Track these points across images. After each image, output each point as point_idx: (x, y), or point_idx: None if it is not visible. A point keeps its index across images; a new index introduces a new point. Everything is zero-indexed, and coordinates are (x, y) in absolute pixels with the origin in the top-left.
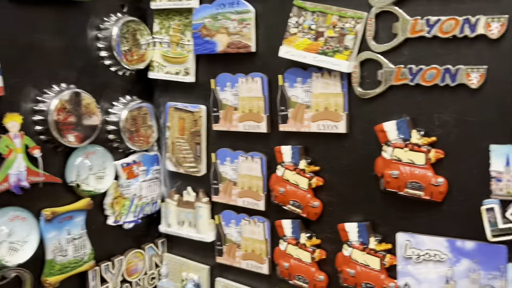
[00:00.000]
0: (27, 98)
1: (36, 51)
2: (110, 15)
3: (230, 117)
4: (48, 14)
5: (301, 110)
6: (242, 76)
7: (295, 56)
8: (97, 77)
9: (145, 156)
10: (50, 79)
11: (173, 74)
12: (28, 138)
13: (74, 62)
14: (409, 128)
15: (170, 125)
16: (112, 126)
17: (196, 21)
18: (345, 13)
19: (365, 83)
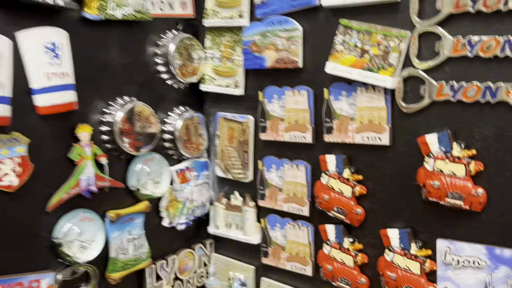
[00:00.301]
0: (95, 110)
1: (104, 68)
2: (166, 33)
3: (277, 127)
4: (115, 34)
5: (346, 122)
6: (289, 89)
7: (342, 72)
8: (155, 90)
9: (196, 162)
10: (115, 93)
11: (224, 86)
12: (96, 147)
13: (135, 77)
14: (450, 141)
15: (220, 133)
16: (168, 135)
17: (246, 38)
18: (389, 32)
19: (408, 98)
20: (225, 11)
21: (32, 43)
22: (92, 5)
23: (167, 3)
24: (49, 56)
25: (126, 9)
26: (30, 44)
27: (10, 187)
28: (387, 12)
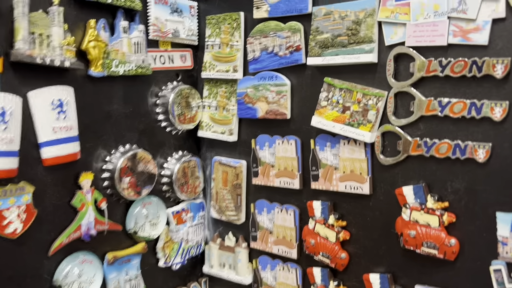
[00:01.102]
0: (98, 158)
1: (107, 118)
2: (167, 83)
3: (268, 173)
4: (118, 88)
5: (331, 171)
6: (279, 138)
7: (326, 126)
8: (155, 137)
9: (192, 204)
10: (117, 141)
11: (219, 133)
12: (98, 192)
13: (136, 125)
14: (425, 193)
15: (215, 177)
16: (165, 179)
17: (240, 90)
18: (368, 91)
19: (386, 151)
20: (221, 65)
21: (41, 101)
22: (98, 64)
23: (168, 57)
24: (56, 112)
25: (128, 66)
26: (39, 102)
27: (14, 234)
28: (366, 72)
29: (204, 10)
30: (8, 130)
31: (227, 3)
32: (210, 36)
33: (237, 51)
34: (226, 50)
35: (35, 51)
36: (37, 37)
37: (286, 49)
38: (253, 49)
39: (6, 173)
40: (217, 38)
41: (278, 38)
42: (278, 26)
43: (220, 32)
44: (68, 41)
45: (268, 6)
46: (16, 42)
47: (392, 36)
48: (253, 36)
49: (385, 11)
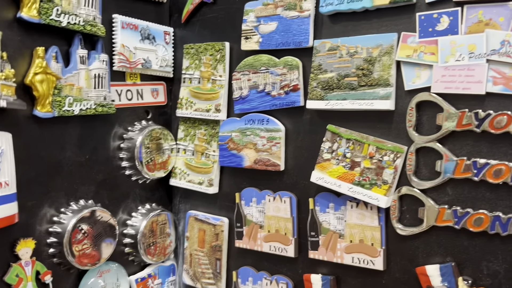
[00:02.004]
0: (42, 220)
1: (56, 169)
2: (134, 123)
3: (255, 235)
4: (71, 131)
5: (334, 239)
6: (270, 194)
7: (329, 184)
8: (117, 189)
9: (160, 267)
10: (68, 197)
11: (196, 183)
12: (40, 264)
13: (94, 175)
14: (455, 275)
15: (190, 235)
16: (128, 239)
17: (224, 133)
18: (383, 145)
19: (405, 219)
20: (201, 102)
21: None
22: (46, 103)
23: (136, 91)
24: None
25: (86, 104)
26: None
27: None
28: (380, 121)
29: (181, 38)
30: None
31: (209, 30)
32: (188, 68)
33: (221, 87)
34: (207, 85)
35: None
36: None
37: (281, 88)
38: (240, 86)
39: None
40: (197, 71)
41: (271, 75)
42: (272, 61)
43: (200, 64)
44: (6, 74)
45: (259, 37)
46: None
47: (414, 79)
48: (240, 71)
49: (406, 49)
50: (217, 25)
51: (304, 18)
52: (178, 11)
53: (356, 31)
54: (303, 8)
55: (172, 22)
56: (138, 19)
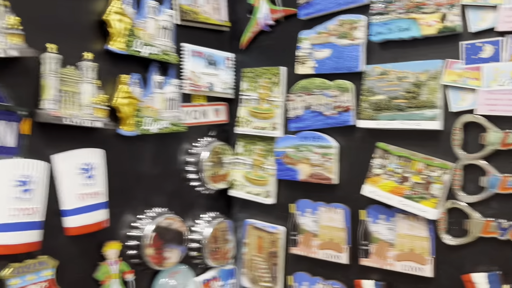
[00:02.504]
0: (124, 225)
1: (137, 180)
2: (199, 140)
3: (309, 243)
4: (149, 147)
5: (385, 248)
6: (323, 205)
7: (380, 197)
8: (185, 199)
9: (222, 270)
10: (145, 205)
11: (254, 194)
12: (124, 263)
13: (166, 186)
14: (501, 283)
15: (248, 242)
16: (195, 244)
17: (279, 149)
18: (431, 162)
19: (452, 230)
20: (258, 121)
21: (67, 166)
22: (129, 123)
23: (201, 112)
24: (83, 178)
25: (162, 123)
26: (65, 167)
27: None
28: (428, 140)
29: (240, 62)
30: (32, 200)
31: (266, 55)
32: (246, 90)
33: (277, 107)
34: (264, 105)
35: (62, 111)
36: (65, 95)
37: (334, 108)
38: (295, 106)
39: (26, 247)
40: (255, 92)
41: (324, 97)
42: (325, 84)
43: (258, 87)
44: (99, 98)
45: (314, 62)
46: (43, 101)
47: (460, 102)
48: (295, 93)
49: (452, 74)
50: (273, 51)
51: (355, 45)
52: (238, 38)
53: (404, 57)
54: (354, 36)
55: (232, 48)
56: (203, 47)
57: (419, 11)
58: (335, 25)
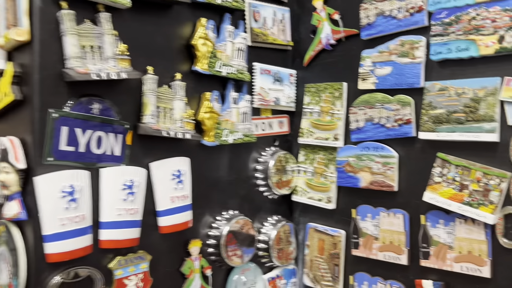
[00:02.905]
0: (204, 225)
1: (214, 185)
2: (266, 149)
3: (370, 245)
4: (225, 155)
5: (444, 250)
6: (384, 211)
7: (440, 203)
8: (254, 203)
9: (285, 270)
10: (221, 207)
11: (316, 200)
12: (204, 260)
13: (238, 191)
14: None
15: (310, 244)
16: (262, 244)
17: (341, 158)
18: (489, 171)
19: (509, 234)
20: (320, 132)
21: (162, 172)
22: (211, 134)
23: (268, 123)
24: (174, 182)
25: (236, 135)
26: (160, 173)
27: None
28: (485, 150)
29: (302, 78)
30: (134, 202)
31: (328, 72)
32: (309, 104)
33: (338, 120)
34: (326, 118)
35: (159, 124)
36: (161, 111)
37: (395, 121)
38: (357, 119)
39: (129, 243)
40: (317, 106)
41: (385, 110)
42: (386, 98)
43: (320, 100)
44: (188, 113)
45: (375, 78)
46: (144, 116)
47: None
48: (357, 106)
49: (509, 90)
50: (335, 68)
51: (416, 64)
52: (300, 56)
53: (463, 74)
54: (415, 55)
55: (294, 65)
56: (270, 65)
57: (477, 33)
58: (396, 44)
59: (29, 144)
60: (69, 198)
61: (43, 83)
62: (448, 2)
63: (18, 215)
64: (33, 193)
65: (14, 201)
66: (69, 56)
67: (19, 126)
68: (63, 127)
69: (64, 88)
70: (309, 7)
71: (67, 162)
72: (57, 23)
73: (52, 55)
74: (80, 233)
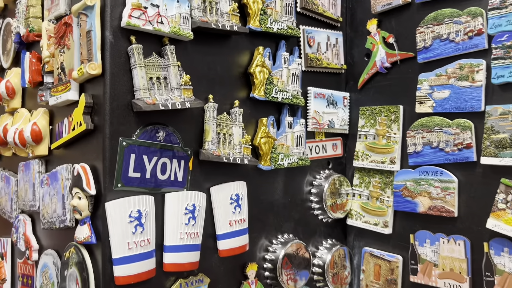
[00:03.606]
0: (260, 248)
1: (270, 208)
2: (320, 172)
3: (429, 272)
4: (281, 178)
5: (510, 280)
6: (444, 237)
7: (505, 231)
8: (308, 226)
9: None
10: (276, 231)
11: (372, 224)
12: (260, 283)
13: (293, 214)
14: None
15: (365, 269)
16: (317, 268)
17: (398, 182)
18: None
19: None
20: (376, 155)
21: (222, 196)
22: (267, 159)
23: (321, 146)
24: (233, 206)
25: (291, 158)
26: (220, 197)
27: None
28: None
29: (355, 101)
30: (195, 226)
31: (382, 95)
32: (363, 126)
33: (395, 143)
34: (382, 141)
35: (219, 150)
36: (221, 137)
37: (454, 145)
38: (414, 142)
39: (191, 266)
40: (372, 128)
41: (444, 134)
42: (445, 122)
43: (376, 123)
44: (246, 139)
45: (433, 102)
46: (205, 142)
47: None
48: (414, 130)
49: None
50: (390, 91)
51: (476, 87)
52: (353, 79)
53: None
54: (475, 79)
55: (348, 88)
56: (324, 89)
57: None
58: (454, 68)
59: (99, 171)
60: (136, 223)
61: (113, 113)
62: (509, 25)
63: (88, 238)
64: (102, 218)
65: (85, 225)
66: (137, 87)
67: (90, 153)
68: (131, 154)
69: (132, 117)
70: (362, 31)
71: (134, 188)
72: (126, 57)
73: (122, 86)
74: (146, 256)
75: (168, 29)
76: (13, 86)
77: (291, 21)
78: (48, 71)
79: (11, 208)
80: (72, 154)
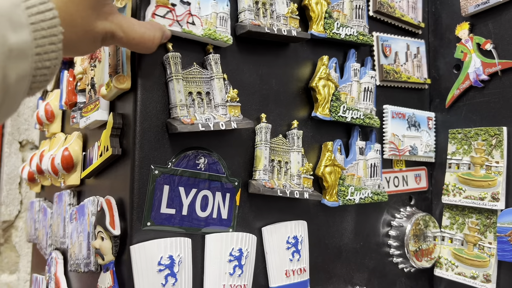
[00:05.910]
0: None
1: (337, 255)
2: (399, 210)
3: None
4: (351, 217)
5: None
6: None
7: None
8: (385, 277)
9: None
10: (346, 283)
11: (468, 277)
12: None
13: (366, 262)
14: None
15: None
16: None
17: (503, 225)
18: None
19: None
20: (472, 190)
21: (276, 239)
22: (333, 192)
23: (401, 177)
24: (290, 252)
25: (364, 192)
26: (274, 240)
27: None
28: None
29: (443, 122)
30: (242, 277)
31: (479, 114)
32: (454, 153)
33: (498, 174)
34: (480, 172)
35: (273, 181)
36: (276, 165)
37: None
38: None
39: None
40: (466, 156)
41: None
42: None
43: (471, 150)
44: (306, 167)
45: None
46: (256, 171)
47: None
48: None
49: None
50: (488, 109)
51: None
52: (440, 96)
53: None
54: None
55: (433, 106)
56: (404, 108)
57: None
58: None
59: (126, 205)
60: (167, 272)
61: (144, 135)
62: None
63: None
64: (127, 264)
65: (107, 272)
66: (174, 104)
67: (117, 183)
68: (165, 186)
69: (167, 141)
70: (449, 38)
71: (167, 227)
72: (161, 68)
73: (155, 103)
74: None
75: (201, 32)
76: (53, 109)
77: (363, 26)
78: (81, 89)
79: (46, 244)
80: (101, 184)
